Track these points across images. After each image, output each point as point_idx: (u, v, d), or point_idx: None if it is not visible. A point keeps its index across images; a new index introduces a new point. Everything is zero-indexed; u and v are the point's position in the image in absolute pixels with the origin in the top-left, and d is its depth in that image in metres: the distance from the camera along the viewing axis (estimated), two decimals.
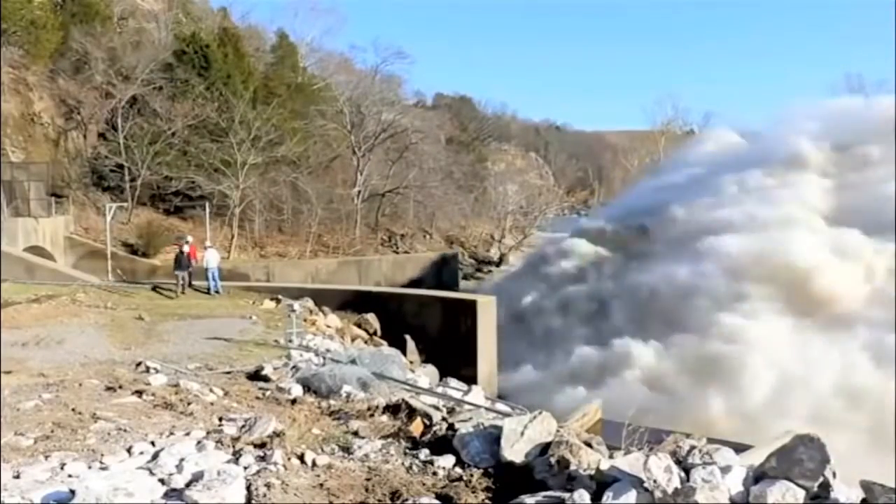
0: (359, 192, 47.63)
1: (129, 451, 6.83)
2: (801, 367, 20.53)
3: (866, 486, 4.61)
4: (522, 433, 5.87)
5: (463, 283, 44.60)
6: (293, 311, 15.88)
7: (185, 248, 22.91)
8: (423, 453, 6.45)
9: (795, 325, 23.11)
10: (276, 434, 7.03)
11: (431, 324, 20.45)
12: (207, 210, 35.37)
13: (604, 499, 4.86)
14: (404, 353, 17.72)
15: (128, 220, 37.40)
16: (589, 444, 5.95)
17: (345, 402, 9.23)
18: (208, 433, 7.47)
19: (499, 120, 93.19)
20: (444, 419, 7.67)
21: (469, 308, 20.09)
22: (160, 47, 43.48)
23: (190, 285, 23.02)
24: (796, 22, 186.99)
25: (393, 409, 8.09)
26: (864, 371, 20.23)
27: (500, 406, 12.39)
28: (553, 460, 5.51)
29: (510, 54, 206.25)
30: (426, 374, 16.96)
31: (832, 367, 20.48)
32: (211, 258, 23.10)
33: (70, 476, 6.04)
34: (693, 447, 5.25)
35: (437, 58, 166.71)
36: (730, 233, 27.62)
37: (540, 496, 5.14)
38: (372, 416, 8.04)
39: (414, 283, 36.63)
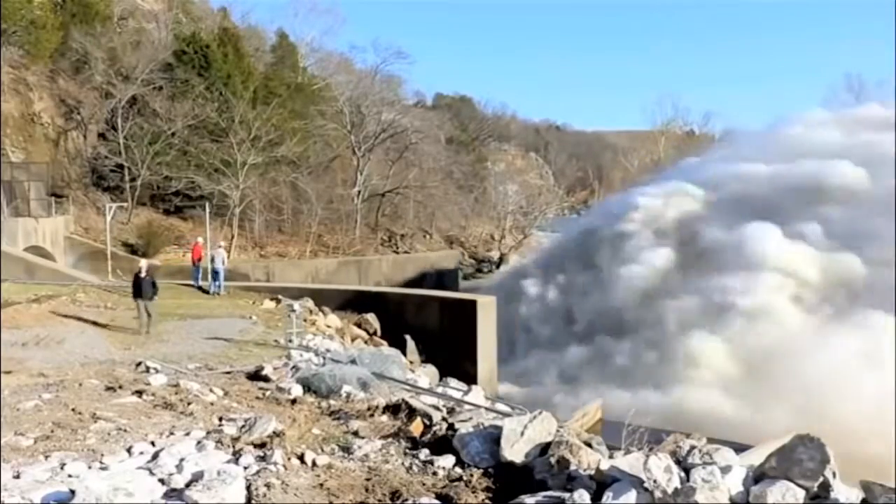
0: (359, 192, 47.59)
1: (129, 451, 6.83)
2: None
3: (866, 486, 4.61)
4: (522, 433, 5.88)
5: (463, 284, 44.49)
6: (293, 311, 15.86)
7: (143, 270, 16.59)
8: (423, 453, 6.45)
9: None
10: (276, 434, 7.03)
11: (431, 324, 20.42)
12: (207, 210, 35.34)
13: (604, 499, 4.86)
14: (404, 353, 17.71)
15: (128, 220, 37.40)
16: (589, 444, 5.97)
17: (345, 402, 9.23)
18: (208, 433, 7.47)
19: (499, 120, 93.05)
20: (444, 419, 7.66)
21: (469, 308, 20.07)
22: (160, 47, 43.41)
23: (199, 288, 23.05)
24: (796, 22, 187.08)
25: (393, 409, 8.09)
26: None
27: (500, 406, 12.39)
28: (553, 460, 5.52)
29: (510, 54, 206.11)
30: (426, 374, 16.98)
31: None
32: (218, 258, 23.11)
33: (70, 476, 6.04)
34: (693, 447, 5.25)
35: (437, 58, 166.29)
36: None
37: (540, 496, 5.15)
38: (372, 416, 8.05)
39: (414, 283, 36.62)
